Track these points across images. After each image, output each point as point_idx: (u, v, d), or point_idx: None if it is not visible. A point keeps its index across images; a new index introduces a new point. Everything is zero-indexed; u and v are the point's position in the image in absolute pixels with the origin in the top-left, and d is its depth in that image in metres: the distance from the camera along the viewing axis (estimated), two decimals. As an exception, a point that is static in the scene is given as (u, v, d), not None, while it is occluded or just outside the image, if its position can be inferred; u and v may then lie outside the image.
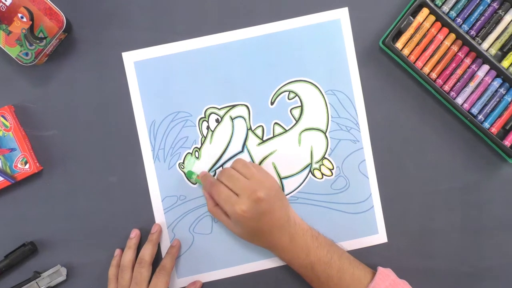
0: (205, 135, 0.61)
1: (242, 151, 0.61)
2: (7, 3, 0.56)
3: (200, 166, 0.62)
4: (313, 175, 0.62)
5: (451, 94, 0.62)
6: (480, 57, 0.62)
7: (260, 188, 0.52)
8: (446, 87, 0.62)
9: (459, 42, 0.62)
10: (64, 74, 0.61)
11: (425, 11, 0.62)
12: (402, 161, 0.62)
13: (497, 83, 0.62)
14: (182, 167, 0.61)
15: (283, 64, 0.61)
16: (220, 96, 0.61)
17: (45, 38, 0.57)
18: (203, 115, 0.61)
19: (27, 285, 0.60)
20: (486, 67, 0.63)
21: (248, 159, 0.61)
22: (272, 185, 0.54)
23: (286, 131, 0.61)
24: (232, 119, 0.61)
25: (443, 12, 0.62)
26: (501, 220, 0.62)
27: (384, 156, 0.62)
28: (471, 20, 0.62)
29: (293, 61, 0.61)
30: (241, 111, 0.61)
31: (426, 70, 0.62)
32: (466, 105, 0.62)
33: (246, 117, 0.61)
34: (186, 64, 0.61)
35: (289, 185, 0.61)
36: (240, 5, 0.61)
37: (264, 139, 0.61)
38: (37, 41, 0.57)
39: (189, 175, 0.59)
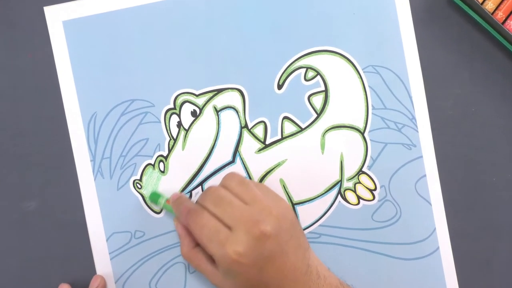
0: (174, 137, 0.49)
1: (233, 161, 0.49)
2: None
3: (167, 185, 0.49)
4: (345, 199, 0.49)
5: None
6: None
7: (265, 219, 0.43)
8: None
9: None
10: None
11: None
12: (484, 178, 0.50)
13: None
14: (139, 186, 0.48)
15: (298, 27, 0.49)
16: (198, 76, 0.49)
17: None
18: (171, 105, 0.49)
19: None
20: None
21: (243, 174, 0.49)
22: (283, 213, 0.44)
23: (301, 130, 0.49)
24: (217, 111, 0.49)
25: None
26: None
27: (455, 170, 0.50)
28: None
29: (313, 22, 0.49)
30: (231, 99, 0.49)
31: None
32: None
33: (240, 108, 0.49)
34: (145, 25, 0.49)
35: (307, 215, 0.49)
36: None
37: (267, 142, 0.49)
38: None
39: (152, 199, 0.48)
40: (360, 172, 0.49)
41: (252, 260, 0.42)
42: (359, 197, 0.49)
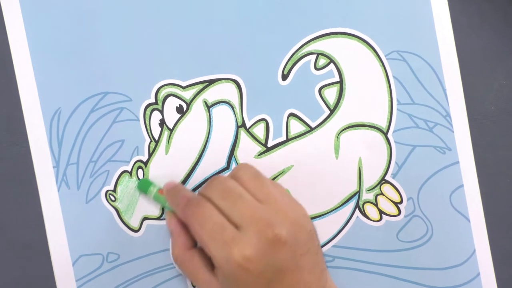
0: (156, 138, 0.46)
1: (227, 167, 0.47)
2: None
3: (147, 197, 0.47)
4: (364, 214, 0.47)
5: None
6: None
7: (281, 222, 0.40)
8: None
9: None
10: None
11: None
12: None
13: None
14: (113, 198, 0.46)
15: (307, 4, 0.47)
16: (185, 64, 0.47)
17: None
18: (152, 100, 0.46)
19: None
20: None
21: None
22: (302, 221, 0.42)
23: (311, 130, 0.47)
24: (208, 107, 0.46)
25: None
26: None
27: (499, 178, 0.48)
28: None
29: None
30: (225, 92, 0.47)
31: None
32: None
33: (236, 103, 0.47)
34: (118, 3, 0.46)
35: (318, 233, 0.45)
36: None
37: (269, 145, 0.47)
38: None
39: (141, 187, 0.46)
40: (383, 181, 0.47)
41: (261, 268, 0.40)
42: (381, 212, 0.47)
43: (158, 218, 0.45)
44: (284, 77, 0.45)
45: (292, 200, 0.43)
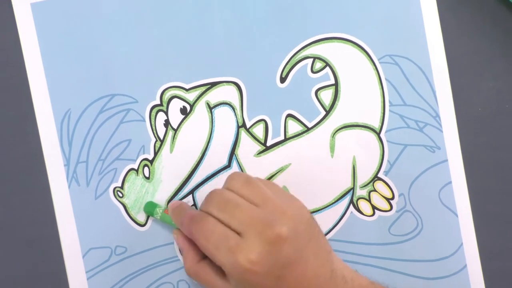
0: (161, 138, 0.47)
1: (228, 166, 0.48)
2: None
3: (153, 193, 0.48)
4: (358, 209, 0.48)
5: None
6: None
7: (279, 220, 0.41)
8: None
9: None
10: None
11: None
12: None
13: None
14: (121, 195, 0.46)
15: (304, 10, 0.48)
16: (188, 68, 0.48)
17: None
18: (157, 101, 0.47)
19: None
20: None
21: (241, 179, 0.49)
22: (299, 214, 0.43)
23: (308, 130, 0.48)
24: (210, 108, 0.47)
25: None
26: None
27: (486, 176, 0.49)
28: None
29: (321, 5, 0.48)
30: (227, 94, 0.47)
31: None
32: None
33: (236, 104, 0.47)
34: (127, 9, 0.47)
35: None
36: None
37: (268, 144, 0.48)
38: None
39: (148, 210, 0.47)
40: (376, 178, 0.48)
41: (267, 268, 0.40)
42: (374, 207, 0.48)
43: (163, 213, 0.45)
44: (282, 80, 0.46)
45: (286, 196, 0.44)
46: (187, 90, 0.46)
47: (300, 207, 0.43)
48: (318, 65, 0.46)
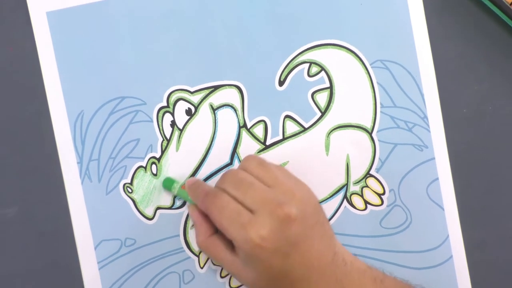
0: (168, 137, 0.48)
1: (231, 163, 0.49)
2: None
3: (160, 188, 0.49)
4: (351, 204, 0.49)
5: None
6: None
7: (289, 201, 0.42)
8: None
9: None
10: None
11: None
12: (502, 182, 0.50)
13: None
14: (130, 190, 0.47)
15: (300, 18, 0.49)
16: (193, 72, 0.48)
17: None
18: (164, 103, 0.48)
19: None
20: None
21: (241, 177, 0.49)
22: (307, 197, 0.44)
23: (304, 130, 0.49)
24: (213, 109, 0.48)
25: None
26: None
27: (470, 173, 0.50)
28: None
29: (317, 13, 0.49)
30: (229, 96, 0.49)
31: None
32: None
33: (238, 106, 0.48)
34: (136, 17, 0.48)
35: None
36: None
37: (267, 143, 0.49)
38: None
39: (166, 185, 0.48)
40: (368, 175, 0.49)
41: (276, 245, 0.41)
42: (366, 202, 0.49)
43: (170, 208, 0.47)
44: (281, 83, 0.47)
45: (296, 180, 0.45)
46: (192, 92, 0.47)
47: (308, 191, 0.44)
48: (314, 69, 0.47)
